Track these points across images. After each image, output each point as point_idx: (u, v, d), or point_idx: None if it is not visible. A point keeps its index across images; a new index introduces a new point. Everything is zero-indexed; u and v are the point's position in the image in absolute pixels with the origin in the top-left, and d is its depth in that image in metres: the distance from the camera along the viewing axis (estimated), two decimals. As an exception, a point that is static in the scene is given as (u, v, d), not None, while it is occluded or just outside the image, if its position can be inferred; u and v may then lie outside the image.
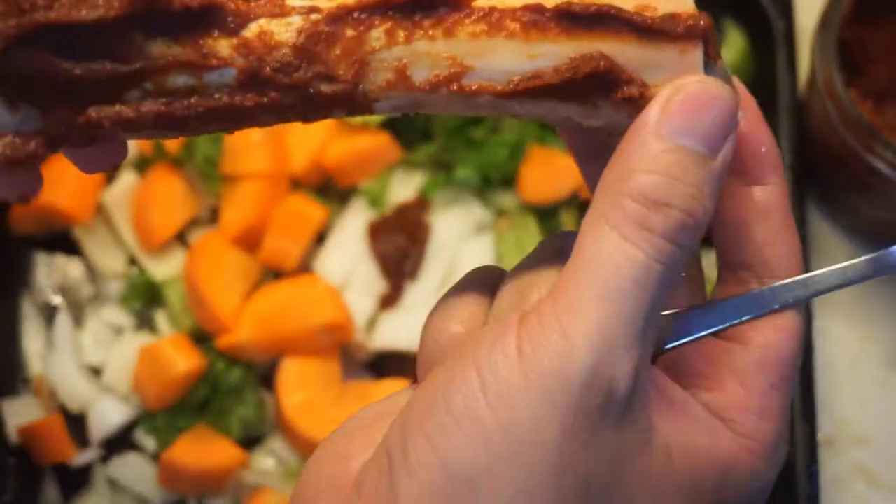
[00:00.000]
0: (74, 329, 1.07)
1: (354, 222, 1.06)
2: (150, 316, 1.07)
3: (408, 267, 1.05)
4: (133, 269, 1.09)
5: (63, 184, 1.06)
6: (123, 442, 1.05)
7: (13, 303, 1.09)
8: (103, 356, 1.06)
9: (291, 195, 1.07)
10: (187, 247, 1.08)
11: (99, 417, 1.04)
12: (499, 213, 1.07)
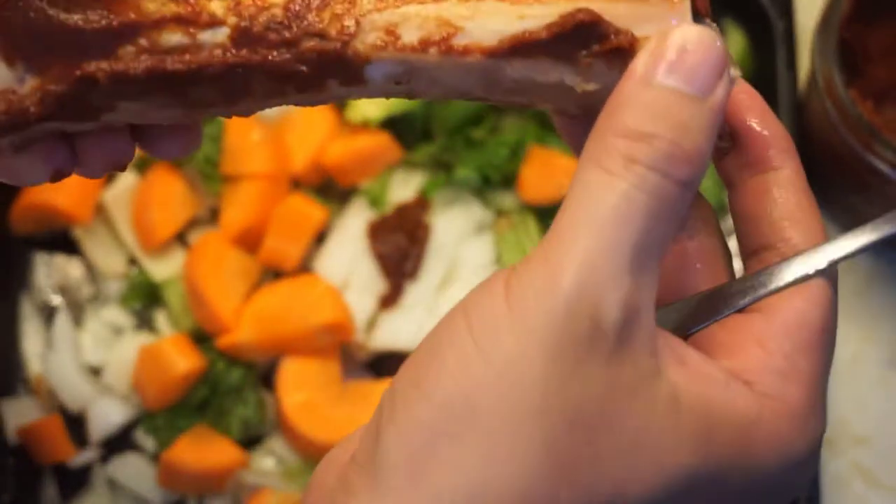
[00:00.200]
0: (74, 329, 1.07)
1: (354, 222, 1.06)
2: (150, 316, 1.07)
3: (408, 267, 1.05)
4: (133, 269, 1.08)
5: (63, 184, 1.04)
6: (123, 442, 1.05)
7: (13, 303, 1.09)
8: (103, 356, 1.06)
9: (291, 195, 1.06)
10: (187, 247, 1.08)
11: (98, 417, 1.04)
12: (499, 213, 1.07)
